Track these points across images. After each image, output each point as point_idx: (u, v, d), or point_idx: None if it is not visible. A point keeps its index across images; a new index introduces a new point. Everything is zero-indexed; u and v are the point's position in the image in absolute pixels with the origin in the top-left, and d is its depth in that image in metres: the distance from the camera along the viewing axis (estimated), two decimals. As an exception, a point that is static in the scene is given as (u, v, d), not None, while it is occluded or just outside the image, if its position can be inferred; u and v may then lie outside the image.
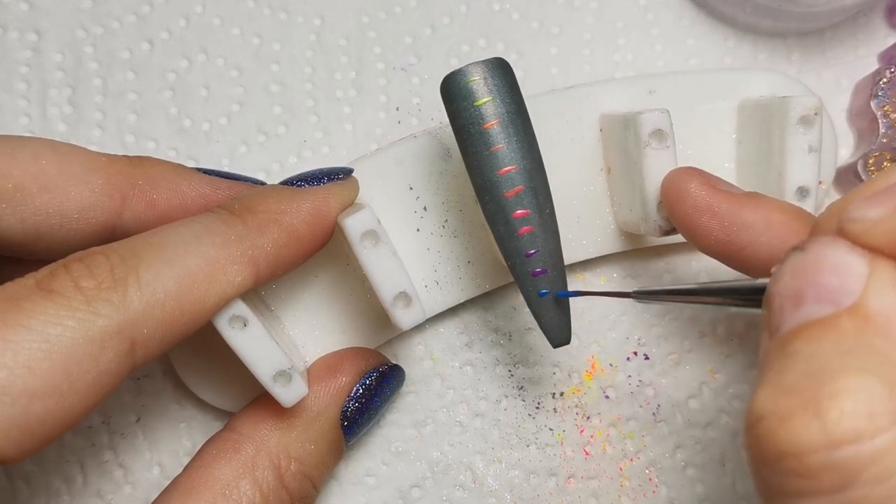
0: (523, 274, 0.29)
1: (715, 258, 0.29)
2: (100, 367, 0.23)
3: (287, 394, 0.28)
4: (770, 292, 0.22)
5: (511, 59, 0.37)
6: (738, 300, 0.24)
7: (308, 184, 0.30)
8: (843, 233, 0.21)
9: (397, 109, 0.37)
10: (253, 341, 0.27)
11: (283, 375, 0.28)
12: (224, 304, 0.26)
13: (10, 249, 0.26)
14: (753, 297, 0.24)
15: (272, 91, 0.37)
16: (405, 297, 0.29)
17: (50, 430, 0.22)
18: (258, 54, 0.37)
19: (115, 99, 0.36)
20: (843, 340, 0.19)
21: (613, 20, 0.38)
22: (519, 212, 0.29)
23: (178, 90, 0.37)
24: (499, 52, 0.31)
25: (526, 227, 0.29)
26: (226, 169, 0.36)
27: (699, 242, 0.29)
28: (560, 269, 0.29)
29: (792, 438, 0.18)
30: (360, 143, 0.37)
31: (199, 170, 0.31)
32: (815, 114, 0.31)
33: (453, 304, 0.34)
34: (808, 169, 0.31)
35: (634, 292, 0.28)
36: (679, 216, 0.29)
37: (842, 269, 0.20)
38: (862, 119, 0.36)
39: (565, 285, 0.29)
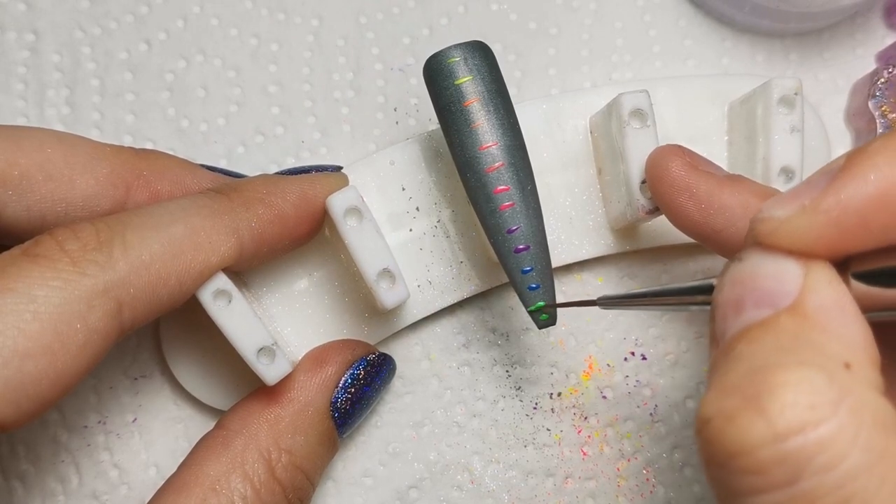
0: (506, 251, 0.29)
1: (693, 238, 0.29)
2: (88, 325, 0.23)
3: (270, 371, 0.28)
4: (713, 303, 0.22)
5: (509, 60, 0.38)
6: (702, 300, 0.24)
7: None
8: (752, 232, 0.22)
9: (395, 110, 0.37)
10: (237, 317, 0.27)
11: (267, 352, 0.28)
12: (209, 272, 0.27)
13: (17, 237, 0.26)
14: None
15: (270, 92, 0.37)
16: (389, 275, 0.29)
17: (46, 391, 0.23)
18: (256, 55, 0.37)
19: (113, 99, 0.36)
20: (783, 338, 0.20)
21: (611, 21, 0.38)
22: (500, 188, 0.29)
23: (176, 91, 0.37)
24: (497, 52, 0.31)
25: (507, 203, 0.29)
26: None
27: (677, 222, 0.29)
28: (543, 247, 0.30)
29: (738, 436, 0.18)
30: (358, 144, 0.37)
31: (203, 166, 0.32)
32: (795, 94, 0.32)
33: (447, 305, 0.34)
34: (791, 149, 0.32)
35: (599, 299, 0.28)
36: (659, 194, 0.30)
37: (778, 274, 0.21)
38: (860, 119, 0.36)
39: (548, 262, 0.30)
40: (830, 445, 0.18)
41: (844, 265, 0.21)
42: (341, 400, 0.31)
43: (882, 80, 0.35)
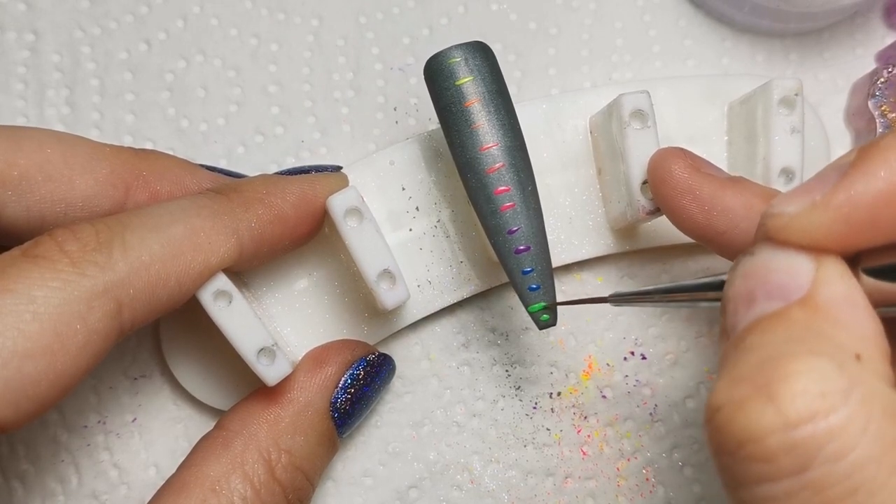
0: (506, 251, 0.30)
1: (695, 240, 0.29)
2: (88, 326, 0.23)
3: (271, 372, 0.28)
4: (724, 297, 0.22)
5: (509, 60, 0.38)
6: (713, 296, 0.24)
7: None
8: (763, 227, 0.22)
9: (395, 110, 0.37)
10: (237, 317, 0.27)
11: (267, 353, 0.28)
12: (209, 273, 0.27)
13: (16, 238, 0.26)
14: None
15: (270, 92, 0.37)
16: (389, 275, 0.29)
17: (45, 392, 0.23)
18: (256, 55, 0.37)
19: (113, 99, 0.36)
20: (794, 329, 0.20)
21: (611, 21, 0.38)
22: (501, 188, 0.29)
23: (176, 91, 0.37)
24: (497, 52, 0.31)
25: (508, 204, 0.29)
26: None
27: (680, 224, 0.29)
28: (543, 247, 0.30)
29: (749, 423, 0.19)
30: (358, 144, 0.37)
31: (202, 166, 0.32)
32: (796, 94, 0.32)
33: (446, 305, 0.34)
34: (791, 150, 0.32)
35: (611, 296, 0.28)
36: (661, 196, 0.30)
37: (790, 267, 0.21)
38: (859, 119, 0.36)
39: (549, 263, 0.30)
40: (840, 434, 0.18)
41: (855, 260, 0.21)
42: (341, 400, 0.31)
43: (882, 79, 0.35)
